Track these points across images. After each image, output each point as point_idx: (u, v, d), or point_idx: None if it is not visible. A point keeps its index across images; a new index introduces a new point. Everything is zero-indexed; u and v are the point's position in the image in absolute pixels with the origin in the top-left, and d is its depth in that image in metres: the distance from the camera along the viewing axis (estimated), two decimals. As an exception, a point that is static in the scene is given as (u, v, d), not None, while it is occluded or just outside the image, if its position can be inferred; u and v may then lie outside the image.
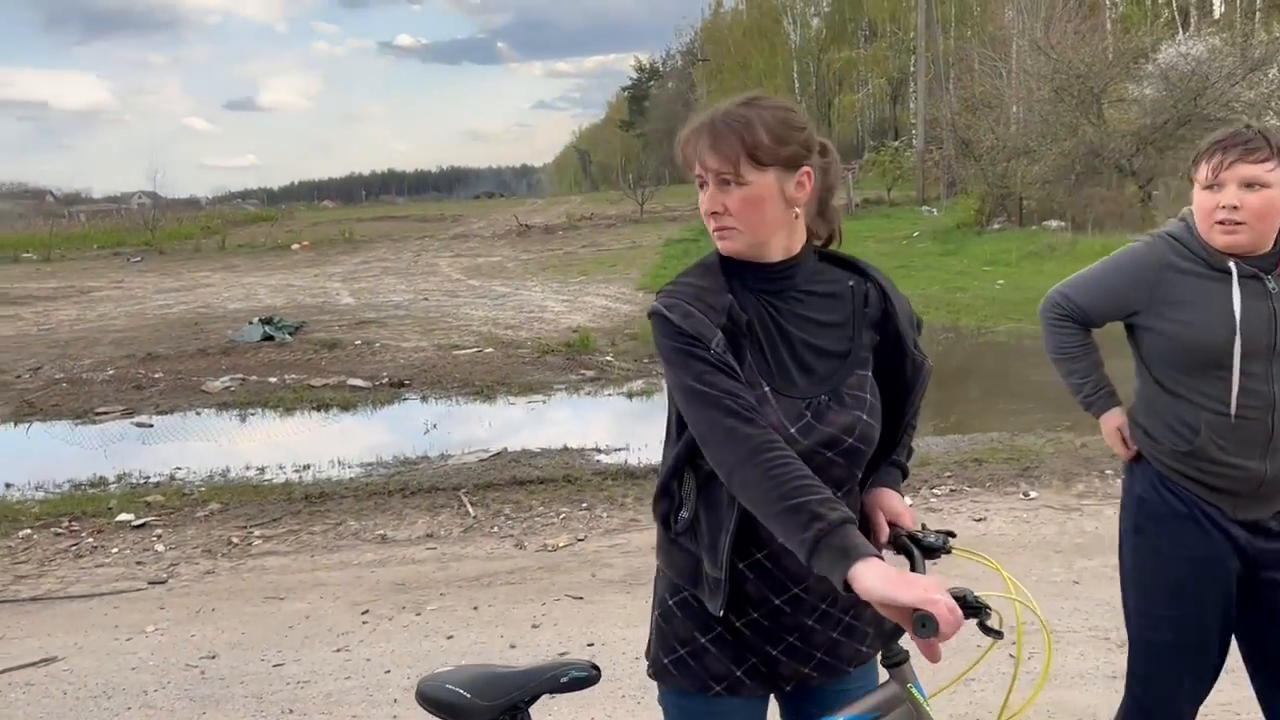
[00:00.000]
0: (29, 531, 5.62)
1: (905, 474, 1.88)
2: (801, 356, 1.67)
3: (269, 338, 12.61)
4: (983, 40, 34.34)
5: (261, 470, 7.06)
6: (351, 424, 8.74)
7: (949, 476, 5.86)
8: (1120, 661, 3.58)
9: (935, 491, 5.59)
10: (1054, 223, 20.48)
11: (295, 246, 30.17)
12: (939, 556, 1.72)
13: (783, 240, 1.67)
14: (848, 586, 1.41)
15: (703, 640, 1.72)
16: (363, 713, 3.46)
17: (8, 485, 6.86)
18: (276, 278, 21.54)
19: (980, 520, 5.08)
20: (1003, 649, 1.68)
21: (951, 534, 1.87)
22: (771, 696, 1.82)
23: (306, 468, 7.04)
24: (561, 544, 5.02)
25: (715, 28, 78.04)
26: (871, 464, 1.77)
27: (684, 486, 1.71)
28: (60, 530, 5.64)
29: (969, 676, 1.72)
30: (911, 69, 43.08)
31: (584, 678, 1.67)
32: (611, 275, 18.85)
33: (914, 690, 1.52)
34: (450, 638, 4.02)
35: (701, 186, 1.67)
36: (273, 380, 10.27)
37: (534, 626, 4.07)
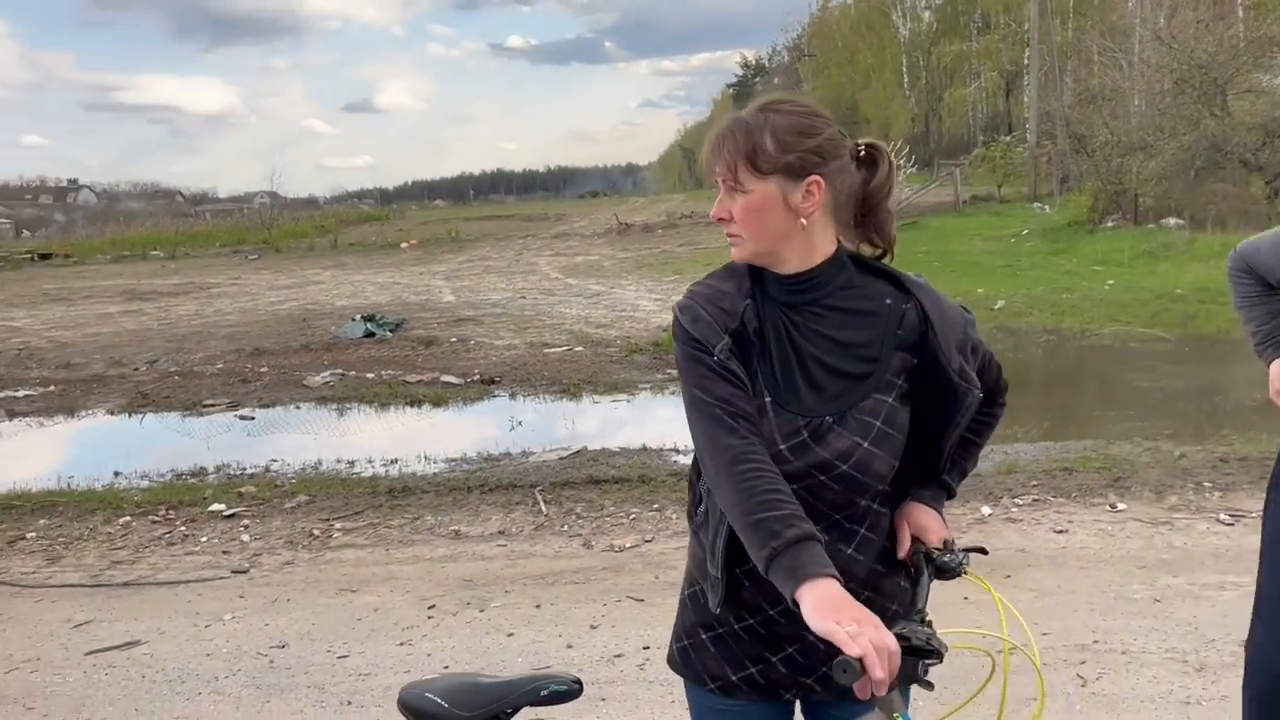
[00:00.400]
0: (128, 519, 5.91)
1: (950, 493, 1.81)
2: (812, 373, 1.61)
3: (370, 334, 12.99)
4: (1103, 30, 33.01)
5: (351, 464, 7.28)
6: (441, 420, 8.93)
7: (1034, 485, 5.66)
8: (1198, 687, 3.42)
9: (1017, 501, 5.40)
10: (1172, 220, 19.58)
11: (404, 245, 30.98)
12: (952, 577, 1.65)
13: (796, 251, 1.61)
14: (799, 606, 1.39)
15: (704, 636, 1.73)
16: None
17: (116, 474, 7.24)
18: (384, 275, 22.15)
19: (1061, 532, 4.89)
20: (1014, 685, 1.61)
21: (983, 550, 1.81)
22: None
23: (393, 462, 7.23)
24: (628, 545, 5.03)
25: (823, 22, 77.00)
26: (904, 486, 1.72)
27: (701, 482, 1.71)
28: (157, 518, 5.92)
29: (965, 710, 1.65)
30: (1026, 61, 41.71)
31: (564, 691, 1.67)
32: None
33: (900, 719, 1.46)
34: (510, 635, 4.07)
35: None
36: (370, 376, 10.57)
37: (592, 627, 4.09)
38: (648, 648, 3.84)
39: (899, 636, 1.39)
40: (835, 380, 1.61)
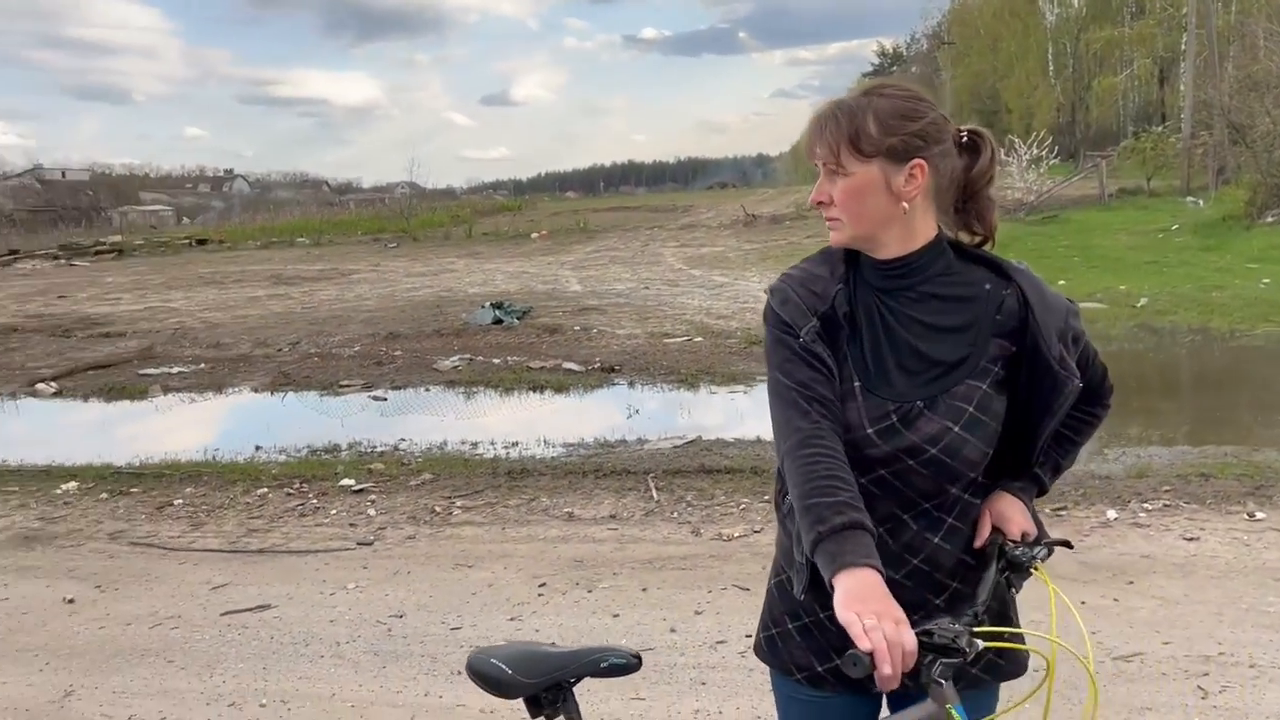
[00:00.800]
0: (266, 490, 6.26)
1: (1042, 488, 1.76)
2: (904, 358, 1.60)
3: (499, 321, 13.34)
4: (1269, 14, 30.99)
5: (474, 445, 7.51)
6: (561, 405, 9.11)
7: (1166, 490, 5.41)
8: (1330, 707, 3.23)
9: (1146, 506, 5.17)
10: (1340, 215, 18.27)
11: (534, 235, 31.59)
12: (1023, 573, 1.62)
13: (896, 235, 1.60)
14: None
15: (790, 626, 1.73)
16: (523, 680, 3.65)
17: (257, 448, 7.66)
18: (514, 264, 22.66)
19: (1192, 540, 4.66)
20: (1071, 690, 1.57)
21: (1067, 544, 1.77)
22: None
23: (514, 445, 7.43)
24: (736, 534, 5.05)
25: (964, 9, 74.58)
26: (997, 478, 1.70)
27: None
28: (291, 491, 6.25)
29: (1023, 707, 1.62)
30: (1183, 47, 39.48)
31: (623, 664, 1.70)
32: (834, 267, 18.55)
33: (954, 711, 1.44)
34: (616, 616, 4.15)
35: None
36: (496, 361, 10.86)
37: (696, 613, 4.14)
38: (749, 635, 3.85)
39: (922, 633, 1.37)
40: (928, 366, 1.59)
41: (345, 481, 6.37)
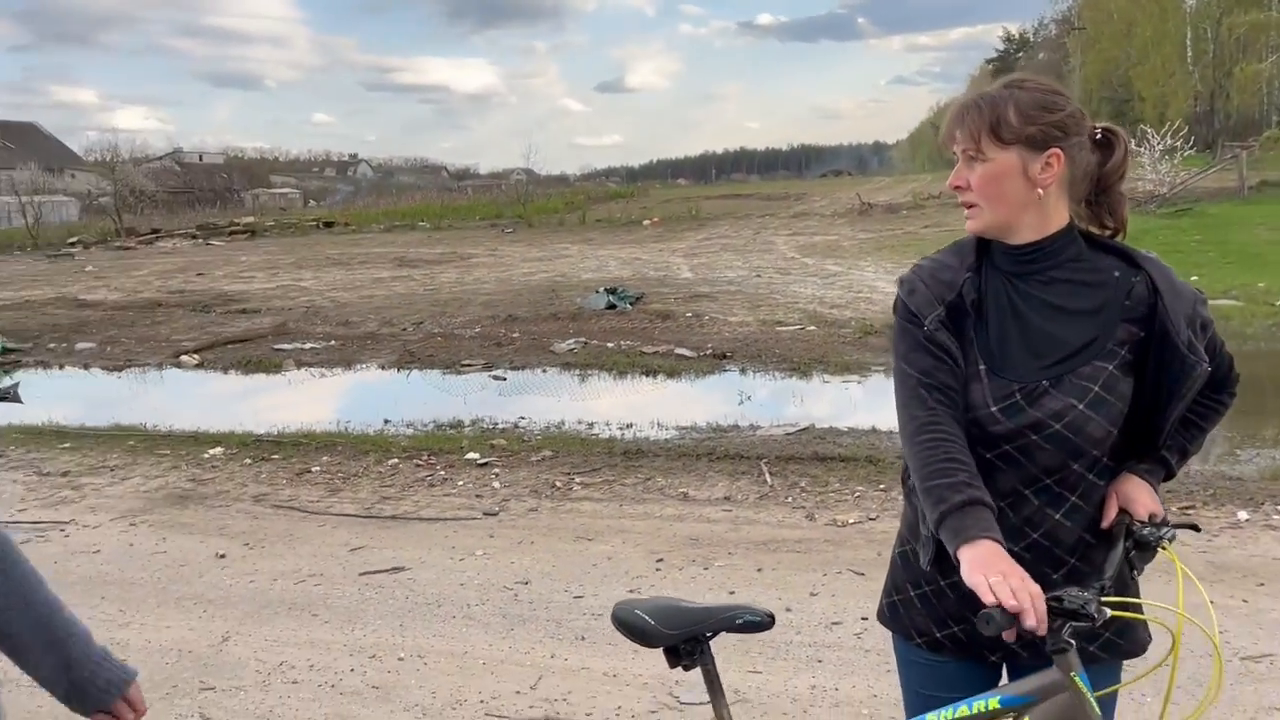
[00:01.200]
0: (396, 461, 6.58)
1: (1169, 472, 1.81)
2: (1032, 340, 1.67)
3: (612, 306, 13.56)
4: None
5: (590, 425, 7.72)
6: (674, 390, 9.26)
7: (1303, 494, 5.24)
8: None
9: None
10: None
11: (646, 222, 31.81)
12: (1150, 552, 1.67)
13: (1030, 221, 1.67)
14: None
15: (912, 593, 1.82)
16: (643, 649, 3.80)
17: (386, 421, 8.03)
18: (626, 251, 22.90)
19: (1328, 545, 4.53)
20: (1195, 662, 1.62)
21: (1195, 527, 1.81)
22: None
23: (629, 426, 7.61)
24: (851, 520, 5.11)
25: (1097, -7, 71.67)
26: (1123, 461, 1.76)
27: None
28: (420, 462, 6.55)
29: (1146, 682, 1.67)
30: (1336, 31, 37.17)
31: (757, 621, 1.81)
32: (952, 258, 18.20)
33: (1078, 679, 1.50)
34: (731, 593, 4.27)
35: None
36: (610, 345, 11.07)
37: (811, 594, 4.22)
38: (866, 619, 3.93)
39: (1052, 598, 1.45)
40: (1055, 347, 1.66)
41: (470, 455, 6.64)
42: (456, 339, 12.13)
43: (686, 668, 1.85)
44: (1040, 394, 1.64)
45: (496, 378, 10.12)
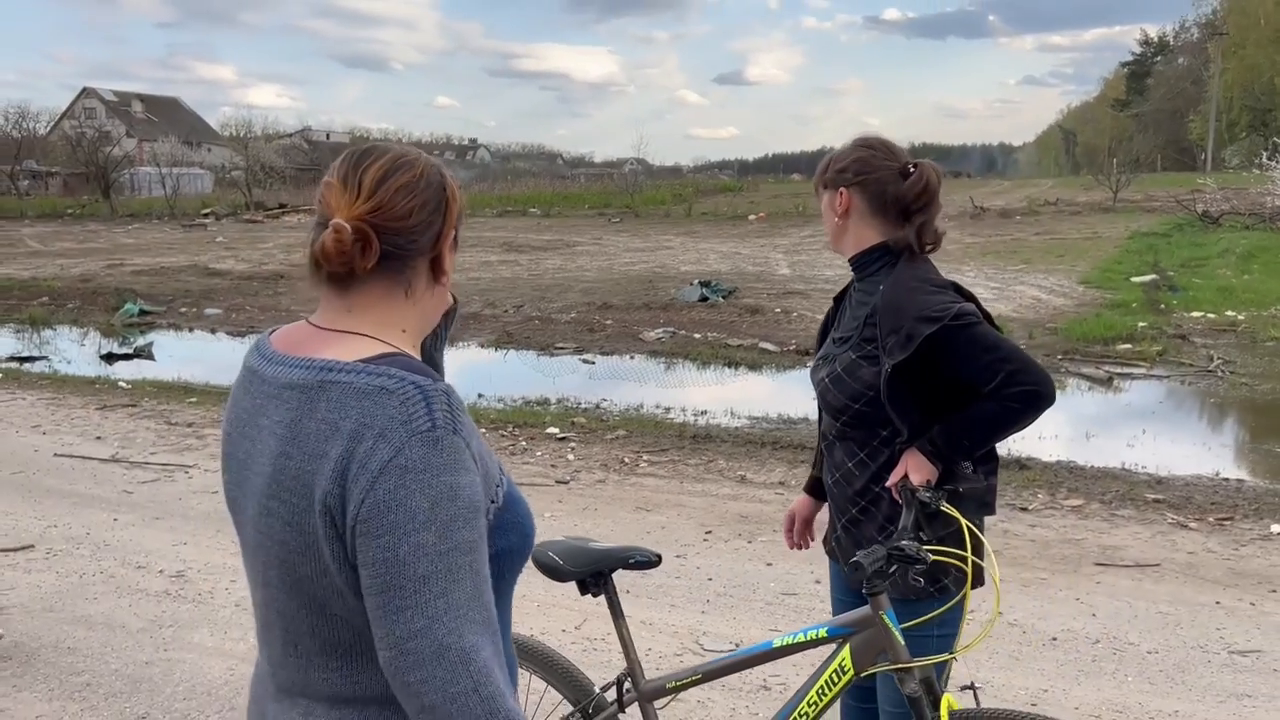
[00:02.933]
0: (484, 430, 7.14)
1: (934, 448, 2.04)
2: (834, 328, 2.30)
3: (704, 299, 13.96)
4: None
5: (666, 410, 8.16)
6: (752, 382, 9.63)
7: (1349, 515, 5.33)
8: None
9: (1320, 526, 5.14)
10: None
11: (751, 217, 32.01)
12: (930, 510, 2.00)
13: (846, 242, 2.24)
14: None
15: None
16: (680, 603, 4.24)
17: (480, 395, 8.62)
18: (728, 245, 23.23)
19: (1357, 562, 4.65)
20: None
21: (957, 488, 2.10)
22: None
23: (703, 413, 8.02)
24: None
25: (1243, -3, 68.55)
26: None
27: None
28: (505, 434, 7.10)
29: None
30: None
31: (646, 561, 2.19)
32: (1056, 266, 18.00)
33: (886, 617, 1.92)
34: (769, 565, 4.66)
35: None
36: (697, 336, 11.49)
37: (843, 570, 4.58)
38: (888, 594, 4.27)
39: (894, 548, 1.85)
40: (836, 334, 2.33)
41: (551, 430, 7.16)
42: (553, 323, 12.71)
43: (594, 596, 2.22)
44: (819, 366, 2.22)
45: (585, 361, 10.64)
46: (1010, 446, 6.64)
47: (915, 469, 2.05)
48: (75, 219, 35.18)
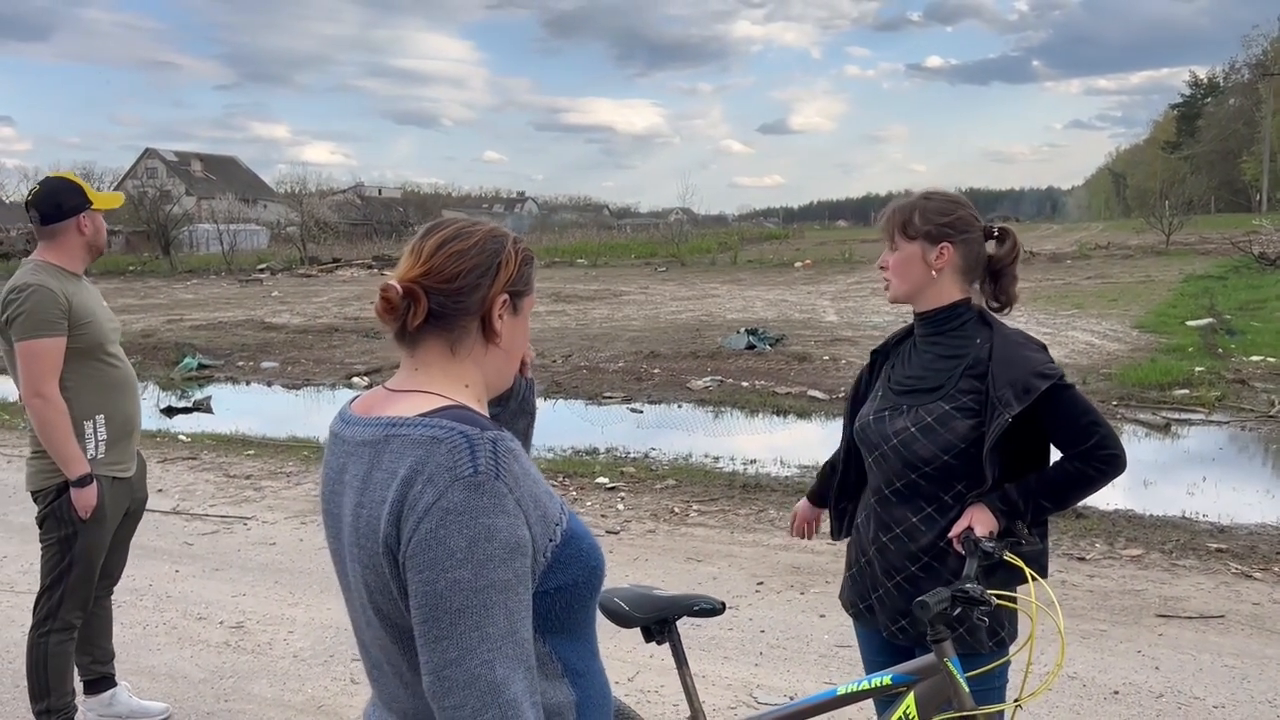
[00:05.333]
0: (533, 480, 7.19)
1: (1011, 506, 2.11)
2: (905, 379, 2.28)
3: (752, 346, 13.96)
4: None
5: (715, 459, 8.16)
6: (801, 430, 9.59)
7: None
8: None
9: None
10: None
11: (798, 264, 32.03)
12: (993, 560, 2.04)
13: (929, 295, 2.28)
14: None
15: (846, 574, 2.46)
16: (733, 655, 4.22)
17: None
18: (774, 293, 23.25)
19: None
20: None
21: (1020, 541, 2.14)
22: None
23: (752, 462, 8.01)
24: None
25: (1293, 35, 67.78)
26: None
27: None
28: (555, 483, 7.14)
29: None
30: None
31: (710, 609, 2.21)
32: (1109, 311, 17.77)
33: (950, 664, 1.91)
34: (822, 616, 4.63)
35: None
36: (745, 384, 11.49)
37: (897, 622, 4.53)
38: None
39: (959, 590, 1.85)
40: (916, 386, 2.33)
41: (600, 479, 7.19)
42: (601, 372, 12.79)
43: (659, 643, 2.24)
44: (890, 416, 2.19)
45: (634, 410, 10.69)
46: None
47: (981, 522, 2.09)
48: (136, 275, 36.18)
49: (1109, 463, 2.08)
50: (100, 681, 3.69)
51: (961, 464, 2.12)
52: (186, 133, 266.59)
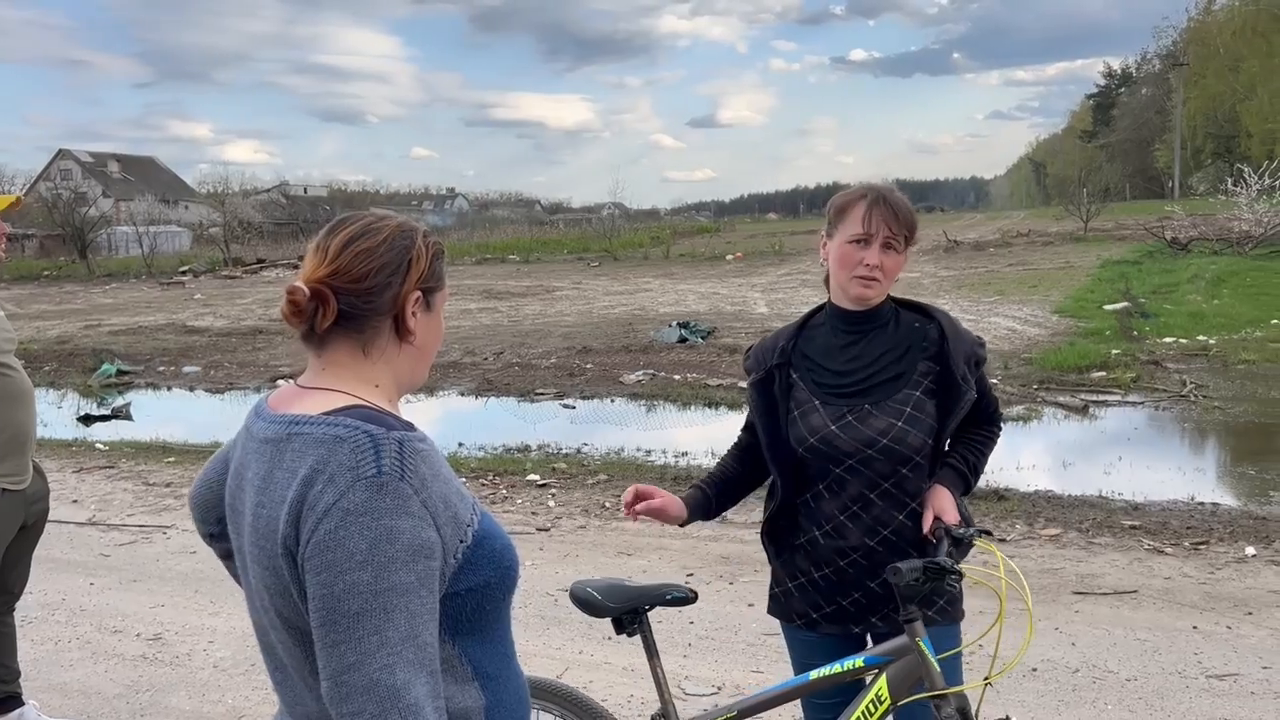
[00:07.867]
0: (464, 480, 7.11)
1: (965, 483, 2.22)
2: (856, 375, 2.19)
3: (683, 340, 14.02)
4: None
5: (648, 453, 8.17)
6: (733, 422, 9.63)
7: (1323, 534, 5.39)
8: None
9: None
10: None
11: (729, 257, 32.27)
12: (966, 547, 2.07)
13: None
14: None
15: (791, 585, 2.32)
16: (663, 648, 4.20)
17: (460, 444, 8.61)
18: (706, 285, 23.37)
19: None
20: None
21: (988, 532, 2.20)
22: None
23: (684, 454, 8.04)
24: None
25: (1202, 28, 70.25)
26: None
27: None
28: (485, 482, 7.09)
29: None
30: None
31: (682, 597, 2.23)
32: (1029, 296, 18.20)
33: (922, 643, 1.93)
34: (750, 605, 4.66)
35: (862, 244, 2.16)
36: (677, 378, 11.53)
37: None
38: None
39: (930, 562, 1.87)
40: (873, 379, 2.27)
41: (531, 476, 7.15)
42: (533, 369, 12.73)
43: (630, 634, 2.25)
44: (865, 416, 2.12)
45: (566, 406, 10.66)
46: (989, 477, 6.68)
47: (946, 509, 2.13)
48: (52, 280, 35.05)
49: (1000, 425, 2.29)
50: (6, 701, 3.57)
51: (938, 446, 2.17)
52: (103, 133, 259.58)
